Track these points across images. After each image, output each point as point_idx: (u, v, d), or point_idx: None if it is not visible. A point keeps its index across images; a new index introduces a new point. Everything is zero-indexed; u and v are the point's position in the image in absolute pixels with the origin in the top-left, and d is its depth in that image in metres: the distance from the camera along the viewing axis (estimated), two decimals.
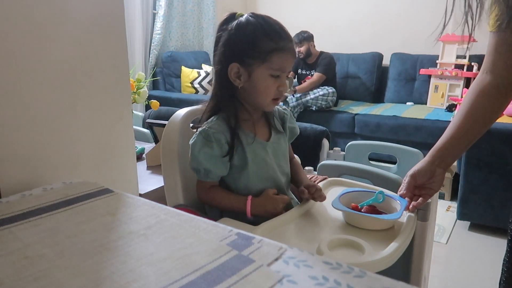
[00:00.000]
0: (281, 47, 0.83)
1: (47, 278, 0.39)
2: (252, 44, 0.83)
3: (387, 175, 1.07)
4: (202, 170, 0.86)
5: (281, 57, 0.83)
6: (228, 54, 0.85)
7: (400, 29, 3.68)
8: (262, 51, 0.82)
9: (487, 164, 1.97)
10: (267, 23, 0.84)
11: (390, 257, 0.70)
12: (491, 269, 1.74)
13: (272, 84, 0.85)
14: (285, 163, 0.95)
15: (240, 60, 0.84)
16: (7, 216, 0.53)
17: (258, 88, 0.85)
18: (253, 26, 0.83)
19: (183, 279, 0.38)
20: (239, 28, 0.84)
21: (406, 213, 0.86)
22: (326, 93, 3.23)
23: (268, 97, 0.86)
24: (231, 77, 0.85)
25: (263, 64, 0.83)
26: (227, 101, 0.88)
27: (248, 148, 0.87)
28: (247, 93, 0.87)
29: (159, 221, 0.52)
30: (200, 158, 0.84)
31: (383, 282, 0.38)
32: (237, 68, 0.85)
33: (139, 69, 3.35)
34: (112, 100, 0.84)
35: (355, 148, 1.53)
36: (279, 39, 0.83)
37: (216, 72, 0.88)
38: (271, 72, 0.84)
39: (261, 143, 0.90)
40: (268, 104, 0.88)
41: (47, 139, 0.73)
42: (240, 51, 0.84)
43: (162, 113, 2.14)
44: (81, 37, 0.76)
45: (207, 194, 0.89)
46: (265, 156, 0.89)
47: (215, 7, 3.90)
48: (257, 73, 0.84)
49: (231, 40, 0.85)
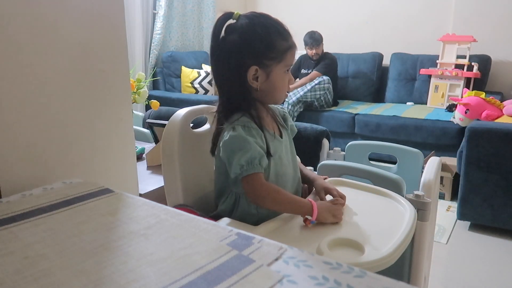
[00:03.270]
0: (293, 44, 0.88)
1: (47, 278, 0.39)
2: (269, 45, 0.84)
3: (387, 175, 1.07)
4: (258, 156, 0.80)
5: (293, 54, 0.88)
6: (243, 58, 0.84)
7: (400, 29, 3.68)
8: (279, 51, 0.85)
9: (487, 164, 1.97)
10: (276, 23, 0.87)
11: (390, 257, 0.70)
12: (491, 269, 1.74)
13: (286, 79, 0.89)
14: (294, 160, 0.97)
15: (258, 62, 0.84)
16: (7, 216, 0.53)
17: (277, 86, 0.88)
18: (265, 28, 0.84)
19: (183, 279, 0.38)
20: (250, 31, 0.83)
21: (407, 213, 0.86)
22: (321, 80, 3.23)
23: (284, 92, 0.91)
24: (249, 79, 0.85)
25: (280, 63, 0.86)
26: (248, 101, 0.87)
27: (271, 143, 0.87)
28: (264, 93, 0.87)
29: (159, 221, 0.52)
30: (252, 143, 0.80)
31: (383, 282, 0.38)
32: (255, 70, 0.85)
33: (139, 69, 3.35)
34: (112, 100, 0.84)
35: (355, 148, 1.53)
36: (289, 36, 0.87)
37: (229, 77, 0.86)
38: (286, 69, 0.88)
39: (278, 139, 0.91)
40: (282, 98, 0.93)
41: (47, 139, 0.73)
42: (258, 54, 0.84)
43: (162, 113, 2.14)
44: (81, 37, 0.76)
45: (262, 189, 0.81)
46: (281, 153, 0.91)
47: (215, 7, 3.90)
48: (275, 73, 0.86)
49: (245, 44, 0.83)
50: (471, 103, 2.60)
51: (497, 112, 2.53)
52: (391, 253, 0.71)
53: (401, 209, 0.89)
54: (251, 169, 0.80)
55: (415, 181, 1.33)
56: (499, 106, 2.57)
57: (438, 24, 3.49)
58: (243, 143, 0.80)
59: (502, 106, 2.56)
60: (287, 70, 0.89)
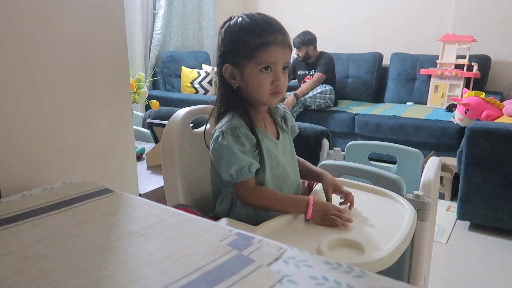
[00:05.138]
0: (267, 41, 0.82)
1: (47, 278, 0.39)
2: (239, 43, 0.83)
3: (387, 175, 1.07)
4: (246, 165, 0.82)
5: (267, 51, 0.82)
6: (221, 56, 0.87)
7: (400, 29, 3.68)
8: (248, 48, 0.83)
9: (487, 164, 1.97)
10: (252, 20, 0.84)
11: (390, 257, 0.70)
12: (491, 269, 1.74)
13: (264, 79, 0.84)
14: (293, 161, 0.96)
15: (231, 61, 0.85)
16: (7, 216, 0.53)
17: (252, 85, 0.85)
18: (239, 26, 0.84)
19: (183, 279, 0.38)
20: (228, 29, 0.86)
21: (406, 213, 0.86)
22: (324, 90, 3.23)
23: (265, 93, 0.85)
24: (226, 78, 0.87)
25: (250, 61, 0.83)
26: (234, 101, 0.88)
27: (263, 143, 0.87)
28: (245, 92, 0.88)
29: (159, 221, 0.52)
30: (238, 155, 0.81)
31: (383, 282, 0.38)
32: (230, 69, 0.86)
33: (139, 69, 3.35)
34: (112, 100, 0.84)
35: (355, 148, 1.53)
36: (265, 33, 0.82)
37: (218, 76, 0.90)
38: (260, 67, 0.83)
39: (272, 140, 0.90)
40: (268, 99, 0.87)
41: (47, 139, 0.73)
42: (230, 52, 0.85)
43: (162, 113, 2.14)
44: (81, 37, 0.76)
45: (253, 193, 0.84)
46: (277, 154, 0.90)
47: (215, 7, 3.90)
48: (247, 71, 0.85)
49: (222, 42, 0.87)
50: (471, 103, 2.60)
51: (497, 112, 2.53)
52: (391, 254, 0.71)
53: (401, 209, 0.89)
54: (240, 177, 0.83)
55: (415, 181, 1.33)
56: (499, 106, 2.57)
57: (438, 24, 3.49)
58: (230, 156, 0.81)
59: (502, 106, 2.56)
60: (264, 68, 0.83)
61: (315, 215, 0.81)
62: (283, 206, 0.84)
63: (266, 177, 0.87)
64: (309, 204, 0.81)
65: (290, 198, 0.86)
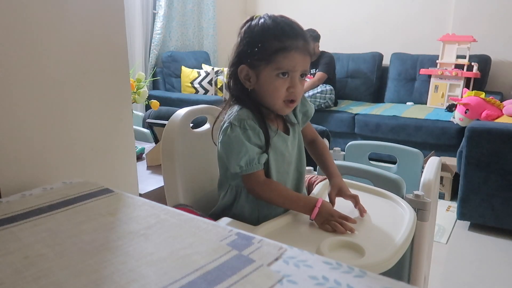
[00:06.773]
0: (287, 46, 0.80)
1: (47, 278, 0.39)
2: (258, 45, 0.81)
3: (387, 175, 1.07)
4: (256, 157, 0.81)
5: (287, 57, 0.80)
6: (238, 56, 0.85)
7: (400, 29, 3.68)
8: (267, 51, 0.81)
9: (487, 164, 1.97)
10: (274, 22, 0.82)
11: (390, 260, 0.70)
12: (491, 269, 1.74)
13: (280, 85, 0.82)
14: (301, 156, 0.95)
15: (248, 62, 0.83)
16: (7, 216, 0.53)
17: (267, 89, 0.83)
18: (260, 27, 0.83)
19: (183, 279, 0.38)
20: (248, 30, 0.84)
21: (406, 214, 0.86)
22: (324, 90, 3.23)
23: (279, 99, 0.84)
24: (241, 79, 0.85)
25: (268, 65, 0.81)
26: (246, 101, 0.87)
27: (272, 140, 0.86)
28: (259, 95, 0.86)
29: (159, 221, 0.52)
30: (248, 146, 0.80)
31: (383, 282, 0.38)
32: (246, 70, 0.84)
33: (139, 69, 3.35)
34: (112, 100, 0.84)
35: (355, 148, 1.53)
36: (286, 38, 0.81)
37: (231, 74, 0.87)
38: (277, 72, 0.81)
39: (282, 136, 0.89)
40: (281, 107, 0.85)
41: (47, 139, 0.73)
42: (248, 53, 0.83)
43: (162, 113, 2.14)
44: (81, 37, 0.76)
45: (264, 186, 0.83)
46: (284, 150, 0.89)
47: (215, 7, 3.90)
48: (264, 75, 0.83)
49: (241, 42, 0.85)
50: (471, 103, 2.60)
51: (497, 112, 2.54)
52: (390, 256, 0.71)
53: (401, 211, 0.89)
54: (250, 169, 0.82)
55: (415, 181, 1.33)
56: (499, 106, 2.57)
57: (438, 24, 3.49)
58: (240, 147, 0.80)
59: (502, 106, 2.56)
60: (282, 74, 0.81)
61: (318, 217, 0.81)
62: (292, 205, 0.84)
63: (272, 172, 0.86)
64: (316, 206, 0.81)
65: (301, 198, 0.85)
